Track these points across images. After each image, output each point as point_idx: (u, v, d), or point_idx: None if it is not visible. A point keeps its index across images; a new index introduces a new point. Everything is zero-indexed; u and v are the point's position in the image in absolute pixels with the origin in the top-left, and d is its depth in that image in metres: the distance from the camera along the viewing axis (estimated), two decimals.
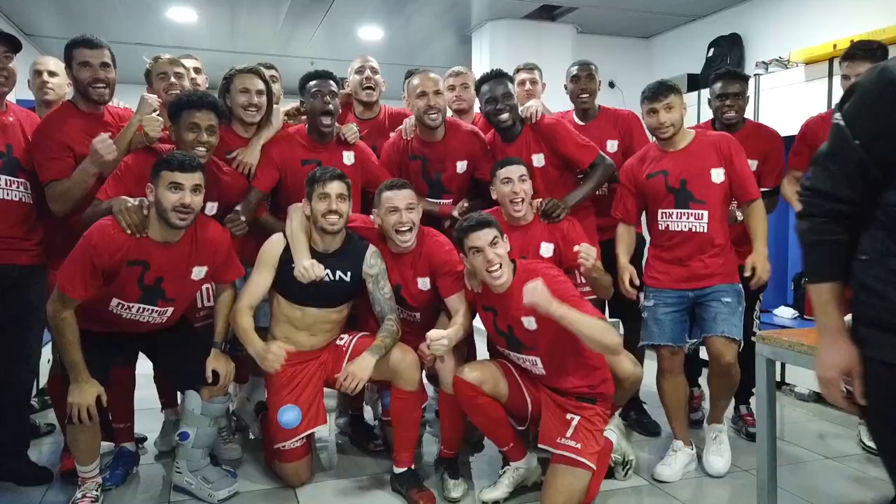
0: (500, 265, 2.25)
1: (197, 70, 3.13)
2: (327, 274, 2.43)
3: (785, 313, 3.94)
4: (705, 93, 4.62)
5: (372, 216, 2.57)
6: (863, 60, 2.58)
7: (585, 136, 2.79)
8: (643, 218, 2.82)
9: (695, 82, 4.77)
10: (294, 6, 5.00)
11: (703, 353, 2.72)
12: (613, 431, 2.55)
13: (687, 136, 2.60)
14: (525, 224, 2.61)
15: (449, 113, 2.99)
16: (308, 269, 2.36)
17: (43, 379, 3.14)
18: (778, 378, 3.75)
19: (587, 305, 2.21)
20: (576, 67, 3.13)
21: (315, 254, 2.44)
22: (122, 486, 2.51)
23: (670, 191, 2.56)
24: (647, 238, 2.80)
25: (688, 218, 2.54)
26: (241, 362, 2.73)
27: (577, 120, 3.09)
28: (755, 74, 4.24)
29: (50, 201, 2.34)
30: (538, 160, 2.74)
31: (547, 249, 2.58)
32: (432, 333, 2.33)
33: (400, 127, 2.91)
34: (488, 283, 2.30)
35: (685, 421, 2.69)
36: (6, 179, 2.32)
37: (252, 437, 3.00)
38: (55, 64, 2.88)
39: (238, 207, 2.58)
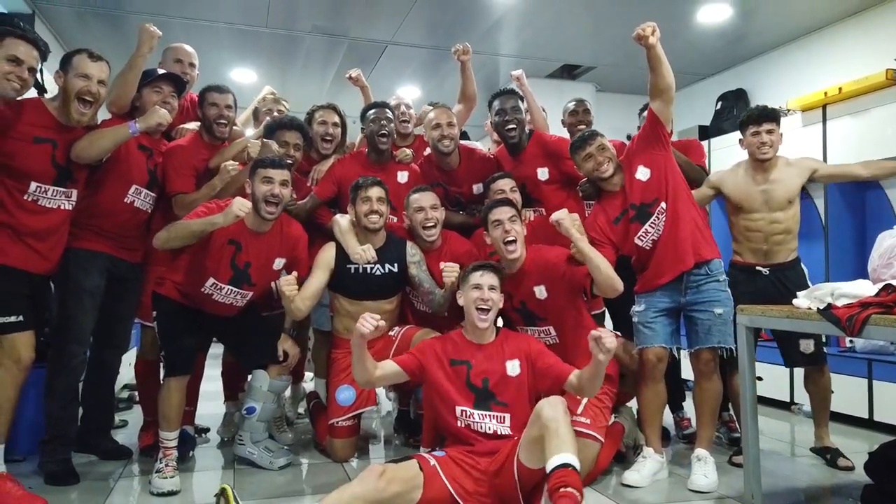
0: (516, 239, 2.59)
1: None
2: (377, 268, 2.82)
3: None
4: (715, 141, 5.09)
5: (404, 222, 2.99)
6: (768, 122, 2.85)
7: None
8: None
9: (705, 132, 5.22)
10: (341, 69, 5.63)
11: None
12: (626, 419, 2.87)
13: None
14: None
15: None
16: (365, 251, 2.75)
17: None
18: (787, 398, 3.99)
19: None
20: (573, 103, 3.53)
21: None
22: (190, 460, 2.85)
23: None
24: None
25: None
26: (297, 362, 3.13)
27: None
28: None
29: (178, 208, 2.76)
30: (542, 174, 3.05)
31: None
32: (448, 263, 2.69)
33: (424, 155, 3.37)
34: (503, 257, 2.63)
35: (659, 430, 2.73)
36: (146, 193, 2.74)
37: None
38: None
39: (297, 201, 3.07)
